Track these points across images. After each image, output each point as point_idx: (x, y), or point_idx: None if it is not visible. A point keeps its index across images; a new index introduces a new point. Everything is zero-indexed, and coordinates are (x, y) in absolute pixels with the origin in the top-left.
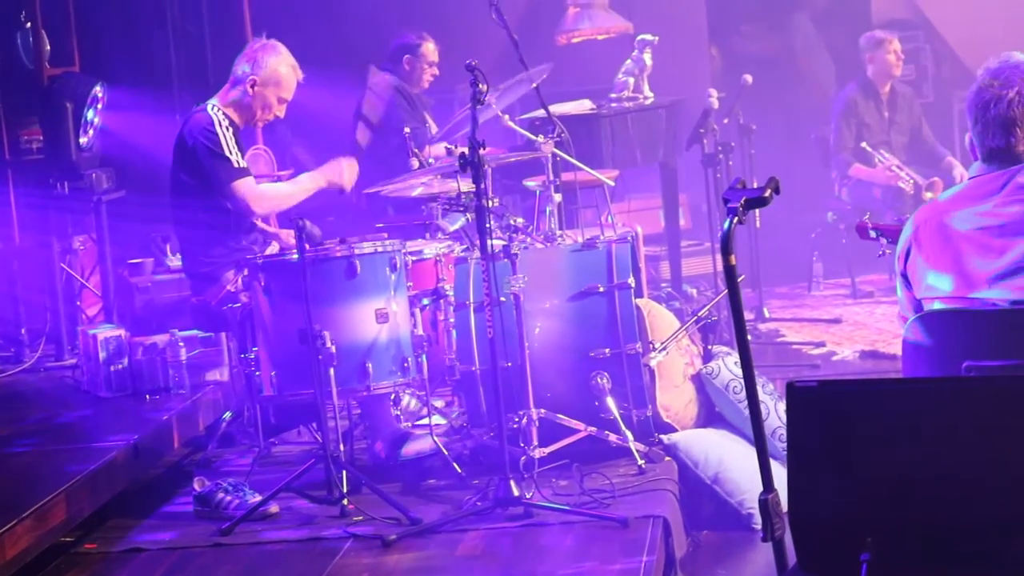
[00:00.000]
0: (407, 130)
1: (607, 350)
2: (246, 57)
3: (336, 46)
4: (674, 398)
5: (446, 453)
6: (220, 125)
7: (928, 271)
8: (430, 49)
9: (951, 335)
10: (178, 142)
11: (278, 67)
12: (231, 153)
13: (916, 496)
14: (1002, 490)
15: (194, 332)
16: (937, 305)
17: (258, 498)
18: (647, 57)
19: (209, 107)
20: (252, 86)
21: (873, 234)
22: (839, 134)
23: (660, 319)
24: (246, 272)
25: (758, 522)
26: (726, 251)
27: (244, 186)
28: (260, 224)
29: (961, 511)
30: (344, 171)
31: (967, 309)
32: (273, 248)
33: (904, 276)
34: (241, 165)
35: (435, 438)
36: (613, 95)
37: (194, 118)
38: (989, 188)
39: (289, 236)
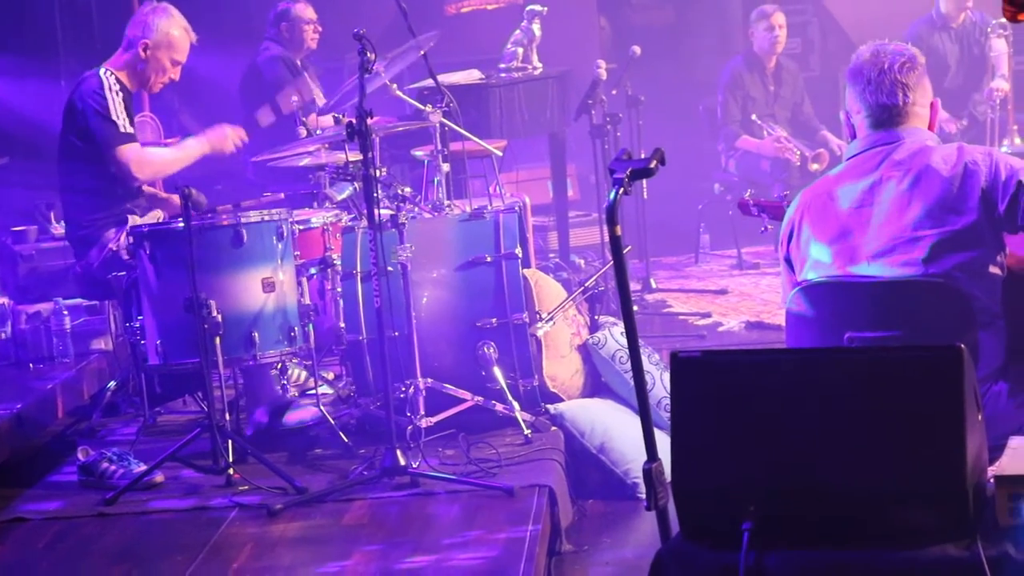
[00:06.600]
0: (295, 99)
1: (494, 320)
2: (137, 21)
3: (227, 13)
4: (560, 368)
5: (332, 422)
6: (110, 89)
7: (813, 244)
8: (301, 8)
9: (833, 307)
10: (68, 105)
11: (170, 29)
12: (118, 117)
13: (799, 465)
14: (882, 458)
15: (79, 300)
16: (813, 276)
17: (143, 468)
18: (536, 27)
19: (101, 71)
20: (145, 50)
21: (755, 211)
22: (726, 107)
23: (547, 289)
24: (131, 239)
25: (643, 491)
26: (611, 221)
27: (128, 151)
28: (149, 189)
29: (843, 479)
30: (228, 138)
31: (849, 281)
32: (156, 215)
33: (787, 261)
34: (127, 130)
35: (321, 407)
36: (502, 65)
37: (85, 82)
38: (868, 166)
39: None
